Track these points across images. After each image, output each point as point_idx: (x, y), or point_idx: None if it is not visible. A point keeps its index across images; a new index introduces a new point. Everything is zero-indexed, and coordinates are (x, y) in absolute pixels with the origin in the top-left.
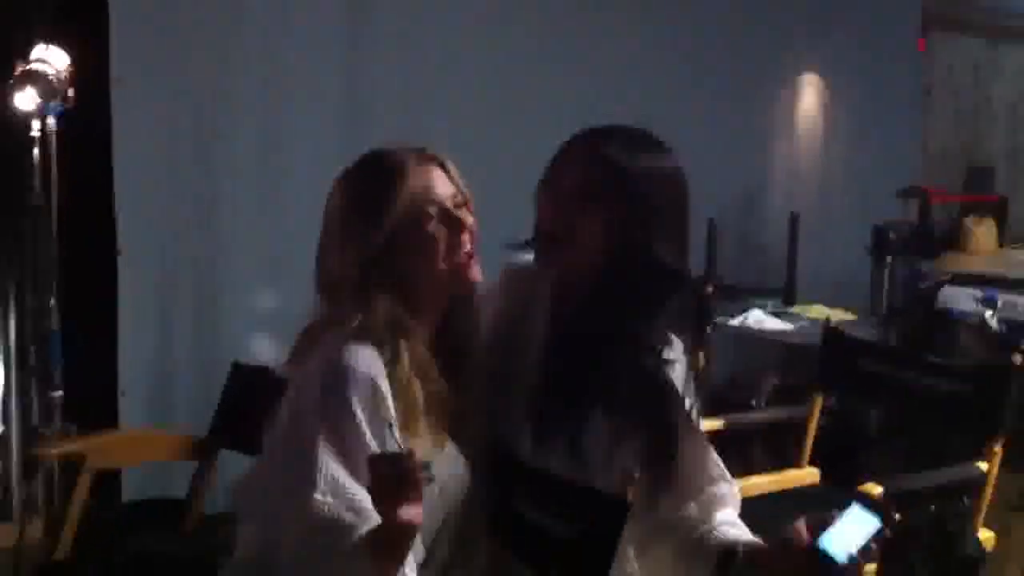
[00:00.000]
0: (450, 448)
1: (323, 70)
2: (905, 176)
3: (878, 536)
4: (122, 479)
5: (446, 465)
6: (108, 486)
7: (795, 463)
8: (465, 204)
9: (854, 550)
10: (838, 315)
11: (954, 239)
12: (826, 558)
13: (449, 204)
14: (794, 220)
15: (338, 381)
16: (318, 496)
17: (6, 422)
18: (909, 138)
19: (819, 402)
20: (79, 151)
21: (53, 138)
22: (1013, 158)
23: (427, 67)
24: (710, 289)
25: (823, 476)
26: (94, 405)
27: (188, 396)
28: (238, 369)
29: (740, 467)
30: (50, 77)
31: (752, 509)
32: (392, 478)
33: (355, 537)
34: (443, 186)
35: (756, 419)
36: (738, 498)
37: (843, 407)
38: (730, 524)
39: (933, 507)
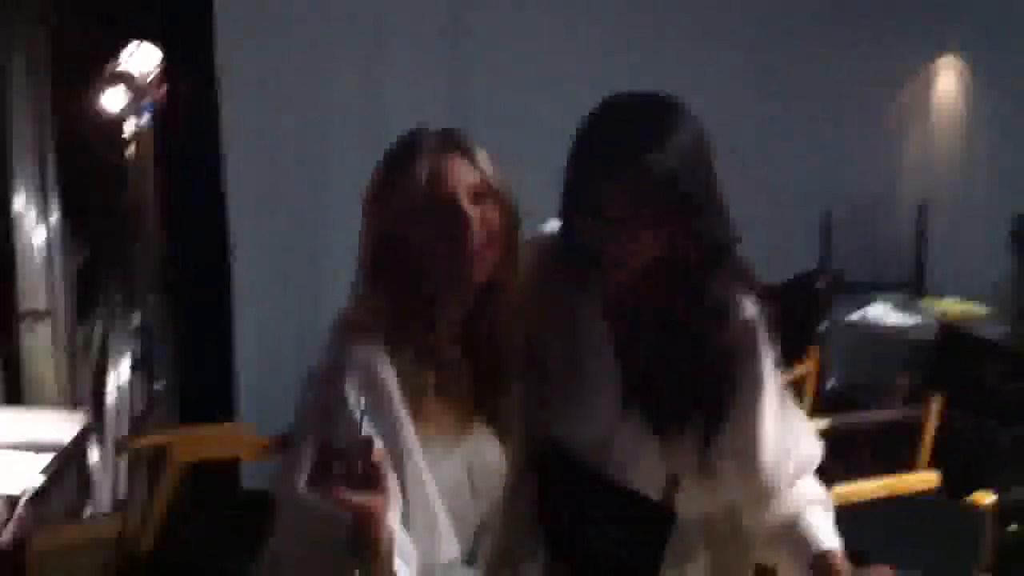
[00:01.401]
0: (481, 432)
1: (425, 59)
2: None
3: None
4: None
5: (476, 450)
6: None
7: (910, 466)
8: (492, 194)
9: None
10: (968, 310)
11: None
12: None
13: (463, 195)
14: (922, 210)
15: (336, 372)
16: (301, 490)
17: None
18: None
19: (936, 403)
20: (186, 149)
21: (148, 136)
22: None
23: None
24: (822, 284)
25: (942, 483)
26: (212, 401)
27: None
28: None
29: (850, 469)
30: (136, 77)
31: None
32: (345, 466)
33: (336, 529)
34: (461, 174)
35: (867, 419)
36: (829, 503)
37: (964, 414)
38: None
39: None
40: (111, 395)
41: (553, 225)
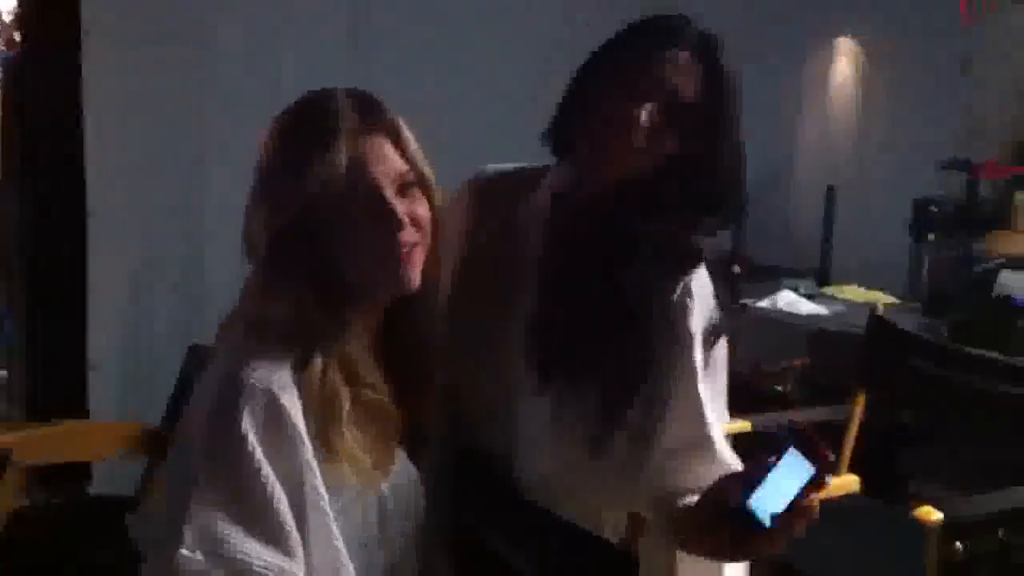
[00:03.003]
0: (400, 463)
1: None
2: (943, 152)
3: (812, 484)
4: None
5: (392, 487)
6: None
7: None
8: (420, 184)
9: (780, 507)
10: (878, 299)
11: (1001, 217)
12: (753, 520)
13: (390, 187)
14: (830, 193)
15: (229, 401)
16: (184, 551)
17: None
18: (948, 111)
19: (862, 402)
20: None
21: None
22: None
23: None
24: (737, 269)
25: (864, 486)
26: (64, 389)
27: (166, 381)
28: (195, 352)
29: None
30: None
31: None
32: None
33: None
34: (388, 162)
35: (790, 420)
36: None
37: (888, 409)
38: None
39: (1000, 534)
40: None
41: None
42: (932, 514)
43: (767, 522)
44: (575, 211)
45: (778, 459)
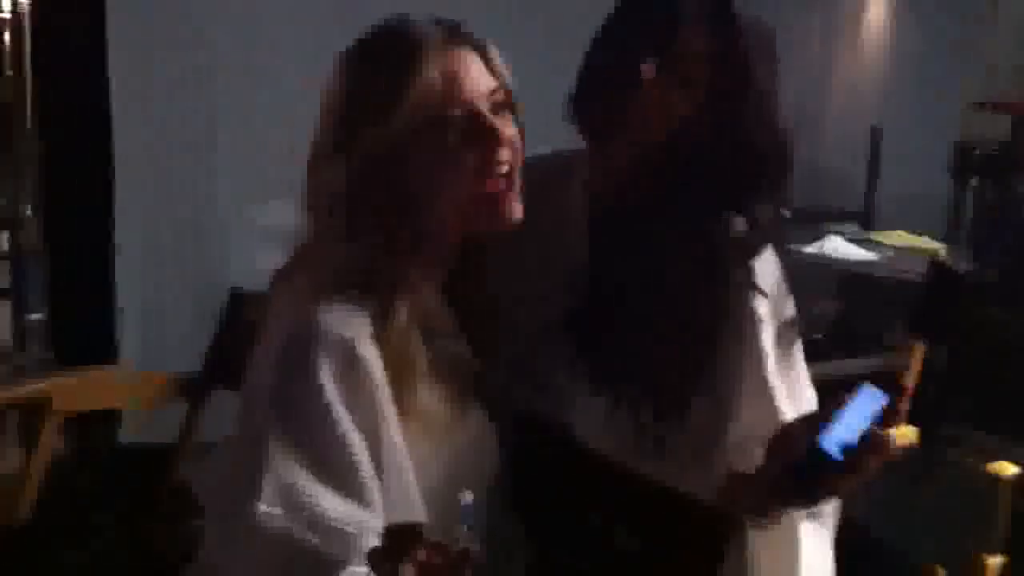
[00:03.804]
0: (474, 416)
1: None
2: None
3: (887, 413)
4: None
5: (468, 444)
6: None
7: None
8: (509, 106)
9: (854, 440)
10: (920, 243)
11: None
12: (824, 458)
13: (484, 105)
14: (875, 134)
15: (301, 350)
16: (263, 507)
17: None
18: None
19: (919, 354)
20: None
21: (26, 20)
22: None
23: None
24: (787, 213)
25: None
26: (89, 334)
27: (191, 325)
28: (237, 297)
29: None
30: None
31: None
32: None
33: (320, 564)
34: (479, 79)
35: (855, 369)
36: None
37: (951, 359)
38: None
39: None
40: None
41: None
42: (1007, 468)
43: (835, 454)
44: (614, 209)
45: (851, 397)
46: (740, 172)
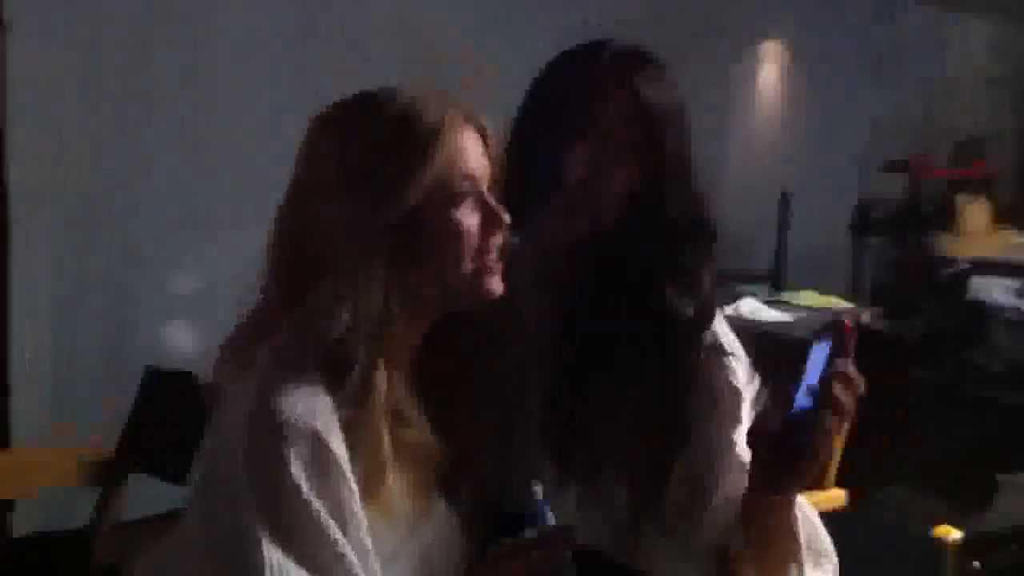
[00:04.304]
0: (439, 510)
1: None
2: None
3: (834, 358)
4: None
5: (432, 533)
6: None
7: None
8: (496, 187)
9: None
10: (836, 303)
11: (939, 217)
12: (800, 417)
13: (485, 186)
14: (785, 198)
15: (269, 442)
16: None
17: None
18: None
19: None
20: None
21: None
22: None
23: None
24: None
25: (850, 497)
26: None
27: (98, 401)
28: (153, 376)
29: None
30: None
31: None
32: None
33: None
34: (480, 160)
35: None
36: None
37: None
38: None
39: (1013, 548)
40: None
41: None
42: (952, 533)
43: (811, 404)
44: (561, 298)
45: (808, 359)
46: (674, 241)
